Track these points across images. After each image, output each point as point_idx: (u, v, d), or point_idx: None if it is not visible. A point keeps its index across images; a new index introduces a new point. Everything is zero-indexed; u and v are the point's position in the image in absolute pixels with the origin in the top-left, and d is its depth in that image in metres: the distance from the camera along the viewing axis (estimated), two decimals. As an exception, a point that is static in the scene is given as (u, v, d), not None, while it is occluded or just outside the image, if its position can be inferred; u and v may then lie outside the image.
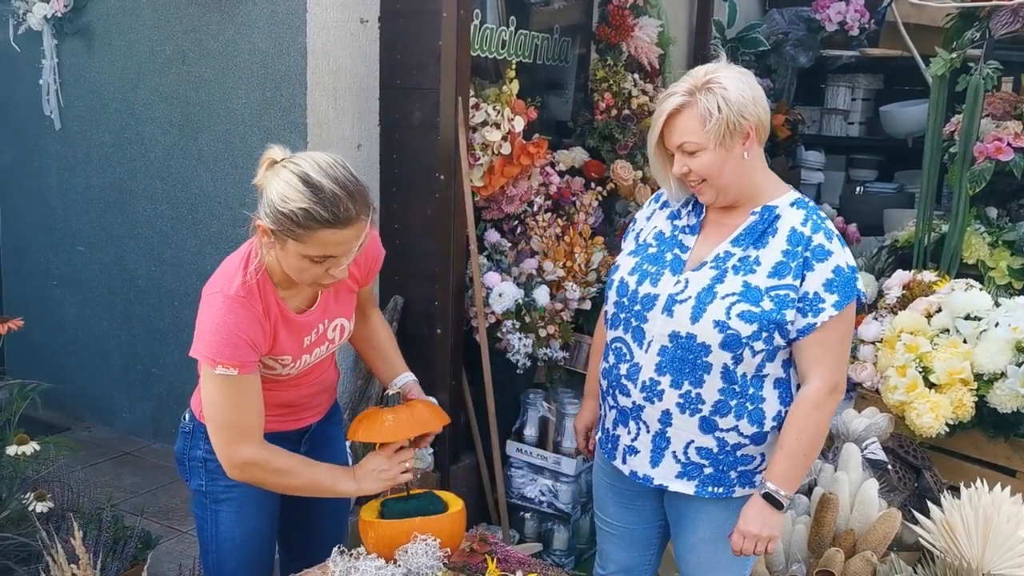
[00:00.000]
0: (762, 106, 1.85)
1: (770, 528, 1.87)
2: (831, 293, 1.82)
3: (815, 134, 5.59)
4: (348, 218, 1.70)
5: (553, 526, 3.36)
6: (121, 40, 3.60)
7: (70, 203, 3.96)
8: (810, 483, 2.61)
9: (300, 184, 1.68)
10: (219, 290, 1.80)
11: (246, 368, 1.79)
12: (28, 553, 2.29)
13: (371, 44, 3.17)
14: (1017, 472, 2.71)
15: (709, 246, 1.93)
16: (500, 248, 3.39)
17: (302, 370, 1.97)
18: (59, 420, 4.01)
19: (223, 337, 1.76)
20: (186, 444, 2.03)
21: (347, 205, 1.69)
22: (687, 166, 1.86)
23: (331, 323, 1.96)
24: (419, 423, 1.99)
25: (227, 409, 1.82)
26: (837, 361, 1.86)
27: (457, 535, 1.98)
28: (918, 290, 3.11)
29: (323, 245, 1.71)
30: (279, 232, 1.71)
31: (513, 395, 3.45)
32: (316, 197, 1.67)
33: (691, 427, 1.91)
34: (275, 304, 1.84)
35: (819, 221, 1.88)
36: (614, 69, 3.87)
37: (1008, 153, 3.39)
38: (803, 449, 1.85)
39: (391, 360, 2.16)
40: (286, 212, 1.68)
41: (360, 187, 1.73)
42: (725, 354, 1.84)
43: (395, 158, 3.22)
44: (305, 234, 1.69)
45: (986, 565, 2.26)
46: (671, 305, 1.89)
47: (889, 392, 2.76)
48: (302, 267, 1.75)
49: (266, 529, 2.07)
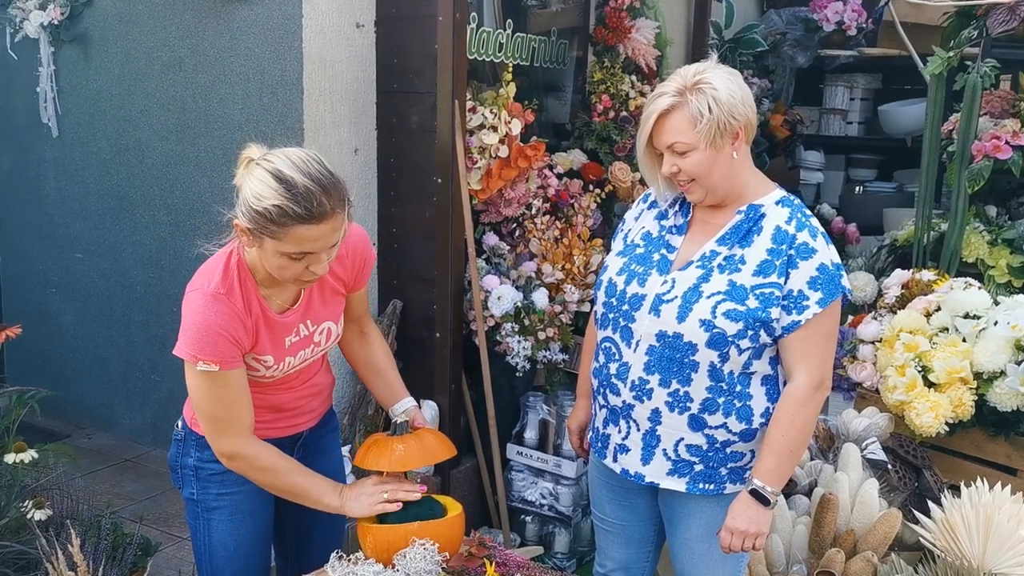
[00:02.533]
0: (750, 106, 1.86)
1: (758, 525, 1.88)
2: (815, 291, 1.83)
3: (814, 134, 5.58)
4: (322, 213, 1.69)
5: (554, 529, 3.35)
6: (117, 47, 3.61)
7: (68, 210, 3.96)
8: (810, 484, 2.60)
9: (273, 181, 1.68)
10: (199, 287, 1.80)
11: (228, 364, 1.78)
12: (27, 561, 2.29)
13: (367, 49, 3.17)
14: (1018, 471, 2.70)
15: (696, 245, 1.94)
16: (499, 251, 3.39)
17: (288, 373, 1.96)
18: (59, 427, 4.02)
19: (203, 334, 1.76)
20: (178, 452, 2.03)
21: (320, 200, 1.68)
22: (677, 166, 1.87)
23: (317, 326, 1.95)
24: (429, 453, 2.00)
25: (212, 404, 1.82)
26: (822, 358, 1.87)
27: (456, 539, 1.98)
28: (917, 289, 3.10)
29: (299, 241, 1.70)
30: (255, 231, 1.71)
31: (513, 398, 3.44)
32: (289, 194, 1.67)
33: (680, 425, 1.92)
34: (256, 302, 1.84)
35: (803, 219, 1.89)
36: (611, 71, 3.86)
37: (1007, 151, 3.38)
38: (789, 446, 1.86)
39: (391, 384, 2.15)
40: (260, 210, 1.68)
41: (335, 181, 1.72)
42: (712, 352, 1.86)
43: (393, 162, 3.22)
44: (280, 231, 1.69)
45: (987, 564, 2.26)
46: (658, 305, 1.90)
47: (888, 392, 2.75)
48: (281, 264, 1.75)
49: (260, 536, 2.07)
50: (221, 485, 1.96)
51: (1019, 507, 2.30)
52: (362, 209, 3.20)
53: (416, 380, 3.05)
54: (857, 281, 3.71)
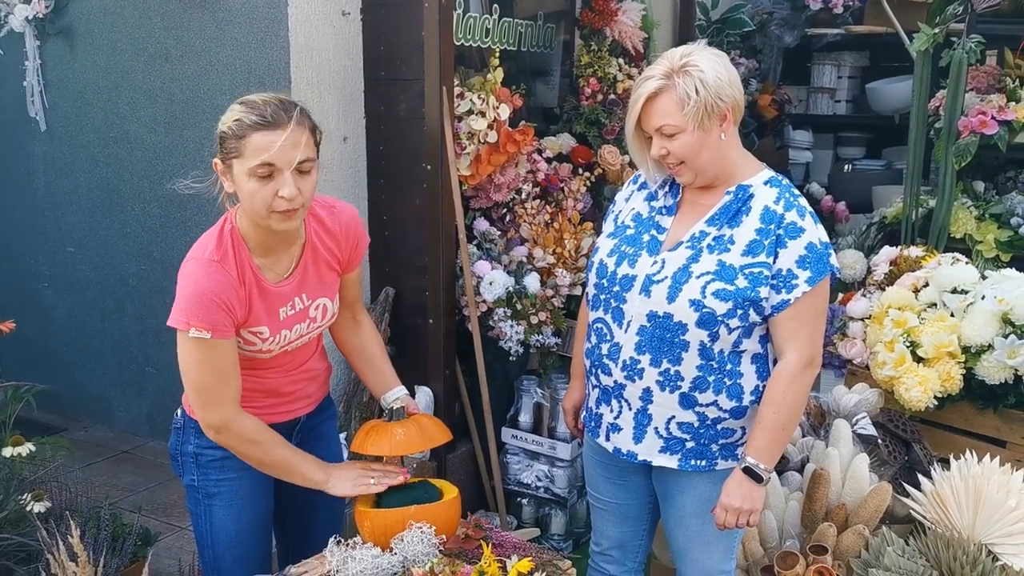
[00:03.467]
0: (737, 87, 1.88)
1: (751, 501, 1.91)
2: (804, 269, 1.85)
3: (802, 113, 5.58)
4: (278, 120, 1.74)
5: (550, 511, 3.38)
6: (103, 39, 3.60)
7: (58, 204, 3.96)
8: (802, 460, 2.63)
9: (236, 105, 1.79)
10: (193, 257, 1.84)
11: (220, 332, 1.80)
12: (27, 553, 2.30)
13: (354, 36, 3.16)
14: (1007, 443, 2.73)
15: (685, 226, 1.96)
16: (489, 236, 3.40)
17: (284, 348, 1.97)
18: (56, 421, 4.03)
19: (196, 300, 1.79)
20: (178, 440, 2.05)
21: (275, 109, 1.76)
22: (665, 148, 1.89)
23: (313, 301, 1.97)
24: (428, 438, 2.04)
25: (201, 373, 1.84)
26: (812, 336, 1.89)
27: (453, 522, 2.00)
28: (905, 266, 3.12)
29: (257, 150, 1.74)
30: (224, 157, 1.79)
31: (507, 382, 3.46)
32: (246, 108, 1.76)
33: (671, 403, 1.94)
34: (250, 271, 1.86)
35: (792, 199, 1.91)
36: (599, 54, 3.86)
37: (993, 127, 3.40)
38: (781, 423, 1.89)
39: (382, 372, 2.18)
40: (223, 131, 1.77)
41: (295, 103, 1.80)
42: (701, 332, 1.88)
43: (382, 150, 3.22)
44: (240, 144, 1.75)
45: (977, 535, 2.29)
46: (648, 285, 1.92)
47: (878, 367, 2.78)
48: (252, 190, 1.77)
49: (261, 521, 2.09)
50: (221, 471, 1.99)
51: (1008, 478, 2.33)
52: (352, 197, 3.20)
53: (410, 367, 3.06)
54: (846, 259, 3.73)
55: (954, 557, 2.16)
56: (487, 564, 1.81)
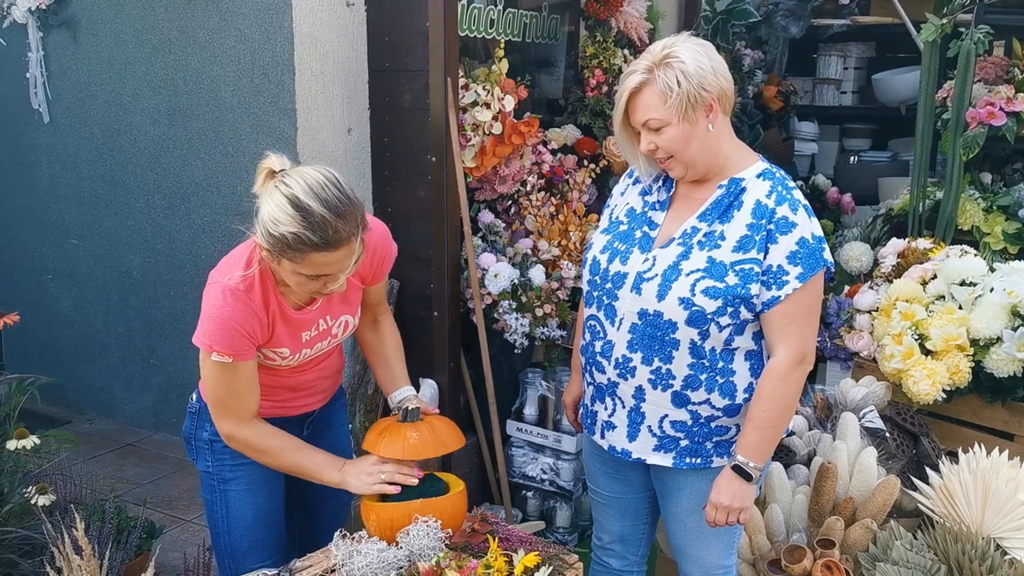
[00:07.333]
0: (723, 76, 1.84)
1: (741, 499, 1.89)
2: (795, 266, 1.82)
3: (808, 105, 5.56)
4: (338, 240, 1.73)
5: (555, 504, 3.37)
6: (106, 30, 3.58)
7: (62, 196, 3.95)
8: (809, 453, 2.62)
9: (290, 207, 1.70)
10: (220, 279, 1.84)
11: (241, 356, 1.84)
12: (32, 547, 2.30)
13: (358, 27, 3.15)
14: (1015, 436, 2.72)
15: (677, 222, 1.93)
16: (494, 228, 3.38)
17: (303, 362, 2.00)
18: (60, 414, 4.03)
19: (220, 326, 1.81)
20: (192, 424, 2.07)
21: (336, 228, 1.71)
22: (653, 143, 1.86)
23: (335, 320, 1.99)
24: (441, 444, 2.03)
25: (221, 391, 1.89)
26: (803, 332, 1.86)
27: (459, 516, 2.00)
28: (913, 258, 3.11)
29: (315, 266, 1.75)
30: (273, 251, 1.75)
31: (512, 375, 3.45)
32: (306, 221, 1.70)
33: (664, 402, 1.93)
34: (274, 299, 1.88)
35: (785, 192, 1.87)
36: (604, 45, 3.84)
37: (1001, 118, 3.38)
38: (771, 421, 1.87)
39: (393, 371, 2.19)
40: (277, 235, 1.72)
41: (351, 206, 1.75)
42: (691, 330, 1.86)
43: (386, 141, 3.21)
44: (297, 255, 1.73)
45: (986, 529, 2.28)
46: (639, 283, 1.90)
47: (886, 360, 2.76)
48: (299, 282, 1.80)
49: (276, 506, 2.10)
50: (235, 456, 2.00)
51: (1016, 471, 2.32)
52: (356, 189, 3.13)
53: (415, 359, 3.04)
54: (852, 251, 3.71)
55: (963, 551, 2.15)
56: (493, 558, 1.80)
